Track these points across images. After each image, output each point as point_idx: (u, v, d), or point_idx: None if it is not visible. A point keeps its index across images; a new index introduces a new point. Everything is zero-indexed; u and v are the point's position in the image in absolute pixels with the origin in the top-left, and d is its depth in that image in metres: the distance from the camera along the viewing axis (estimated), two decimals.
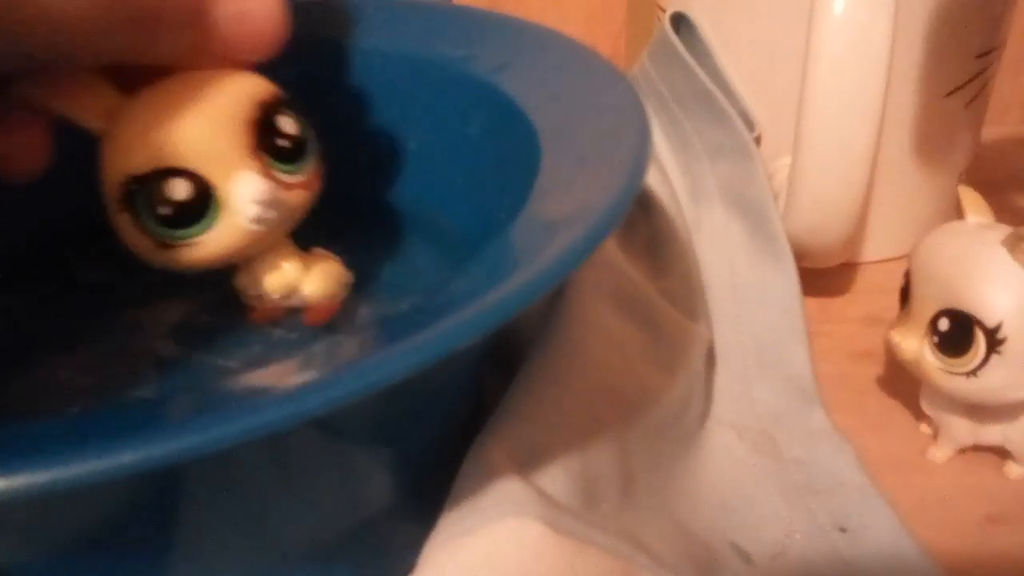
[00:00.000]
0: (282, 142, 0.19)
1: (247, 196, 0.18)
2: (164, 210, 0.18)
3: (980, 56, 0.30)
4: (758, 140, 0.31)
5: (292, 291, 0.20)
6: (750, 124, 0.31)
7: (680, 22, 0.33)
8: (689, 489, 0.22)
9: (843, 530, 0.21)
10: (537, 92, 0.23)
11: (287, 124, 0.19)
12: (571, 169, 0.19)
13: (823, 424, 0.25)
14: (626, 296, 0.25)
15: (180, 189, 0.18)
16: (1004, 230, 0.22)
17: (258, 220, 0.18)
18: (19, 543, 0.15)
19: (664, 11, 0.34)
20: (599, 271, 0.25)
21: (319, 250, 0.21)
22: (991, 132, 0.34)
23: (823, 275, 0.30)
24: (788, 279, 0.28)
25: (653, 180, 0.31)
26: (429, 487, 0.18)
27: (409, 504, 0.19)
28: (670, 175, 0.31)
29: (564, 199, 0.18)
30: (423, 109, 0.26)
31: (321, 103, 0.27)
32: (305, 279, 0.20)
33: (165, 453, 0.12)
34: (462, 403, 0.21)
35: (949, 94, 0.30)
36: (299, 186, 0.19)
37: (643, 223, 0.30)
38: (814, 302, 0.30)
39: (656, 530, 0.19)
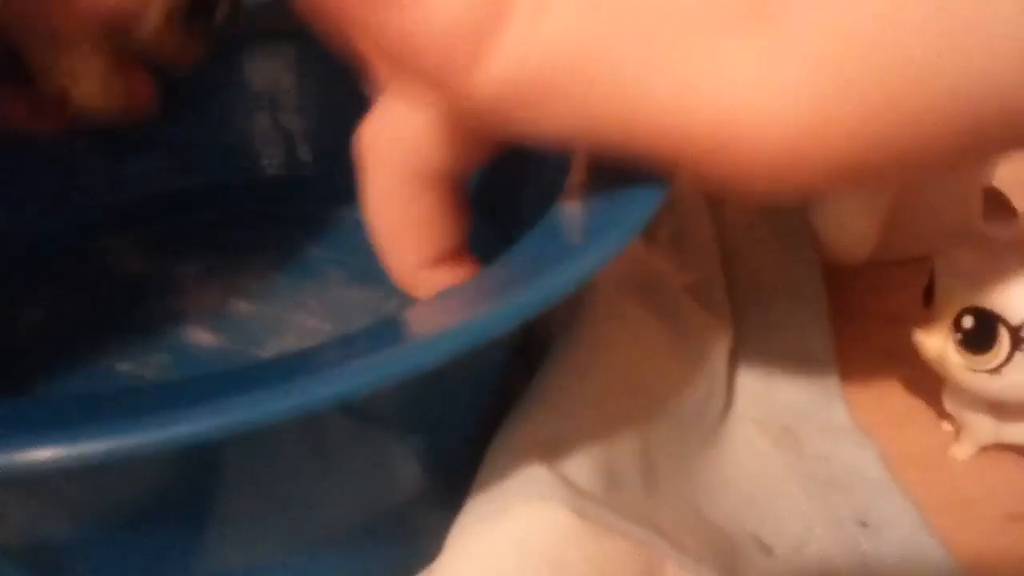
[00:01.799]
0: None
1: None
2: None
3: None
4: None
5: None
6: None
7: None
8: (711, 481, 0.22)
9: (864, 525, 0.22)
10: None
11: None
12: (602, 168, 0.20)
13: (845, 421, 0.25)
14: (650, 290, 0.25)
15: None
16: None
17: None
18: (66, 517, 0.16)
19: None
20: (623, 265, 0.25)
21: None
22: None
23: (847, 273, 0.30)
24: (812, 276, 0.28)
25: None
26: (458, 475, 0.19)
27: (438, 491, 0.20)
28: None
29: (594, 198, 0.19)
30: None
31: (327, 109, 0.28)
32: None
33: (198, 431, 0.12)
34: (493, 392, 0.22)
35: None
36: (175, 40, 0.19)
37: (667, 219, 0.30)
38: (838, 300, 0.30)
39: (678, 520, 0.20)
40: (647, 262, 0.26)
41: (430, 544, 0.17)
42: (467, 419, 0.20)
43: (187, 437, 0.12)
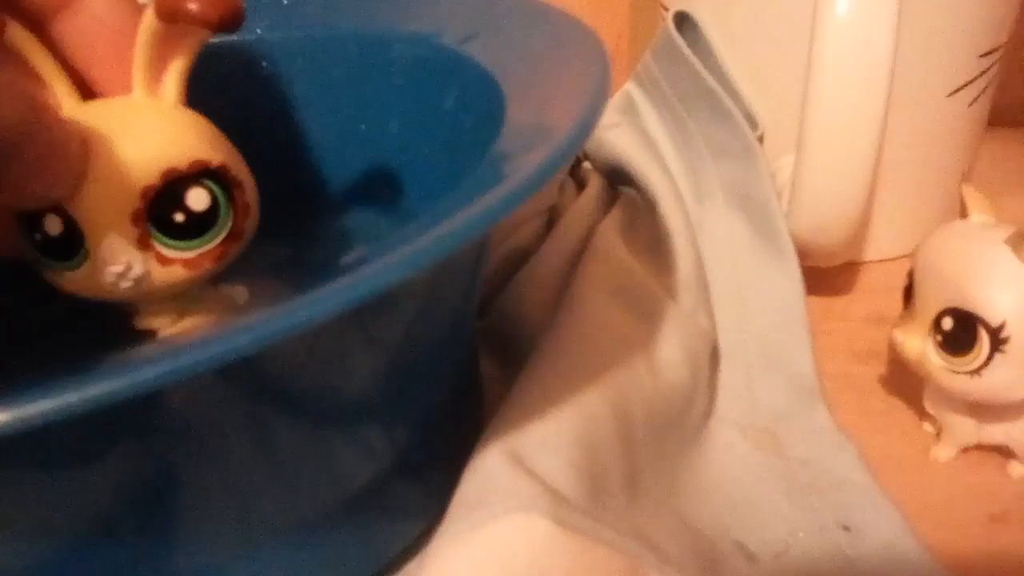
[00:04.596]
0: (178, 217, 0.18)
1: (106, 261, 0.18)
2: (38, 235, 0.18)
3: (983, 55, 0.30)
4: (761, 139, 0.31)
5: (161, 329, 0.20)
6: (753, 123, 0.31)
7: (683, 21, 0.33)
8: (693, 486, 0.22)
9: (846, 528, 0.22)
10: (504, 56, 0.23)
11: (196, 199, 0.18)
12: (532, 115, 0.19)
13: (826, 423, 0.25)
14: (630, 293, 0.25)
15: (54, 226, 0.18)
16: (1007, 229, 0.22)
17: (114, 286, 0.18)
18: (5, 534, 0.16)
19: (667, 10, 0.34)
20: (604, 268, 0.25)
21: (220, 289, 0.20)
22: (994, 131, 0.34)
23: (826, 274, 0.30)
24: (791, 278, 0.28)
25: (657, 178, 0.31)
26: (416, 472, 0.18)
27: (395, 488, 0.20)
28: (674, 173, 0.31)
29: (520, 145, 0.18)
30: (399, 88, 0.26)
31: (298, 91, 0.28)
32: (173, 326, 0.20)
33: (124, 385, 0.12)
34: (448, 382, 0.21)
35: (952, 93, 0.30)
36: (180, 262, 0.18)
37: (647, 221, 0.30)
38: (817, 301, 0.30)
39: (661, 527, 0.20)
40: (628, 265, 0.26)
41: (390, 545, 0.17)
42: (425, 406, 0.20)
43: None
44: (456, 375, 0.22)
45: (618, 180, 0.33)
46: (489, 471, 0.17)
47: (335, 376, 0.17)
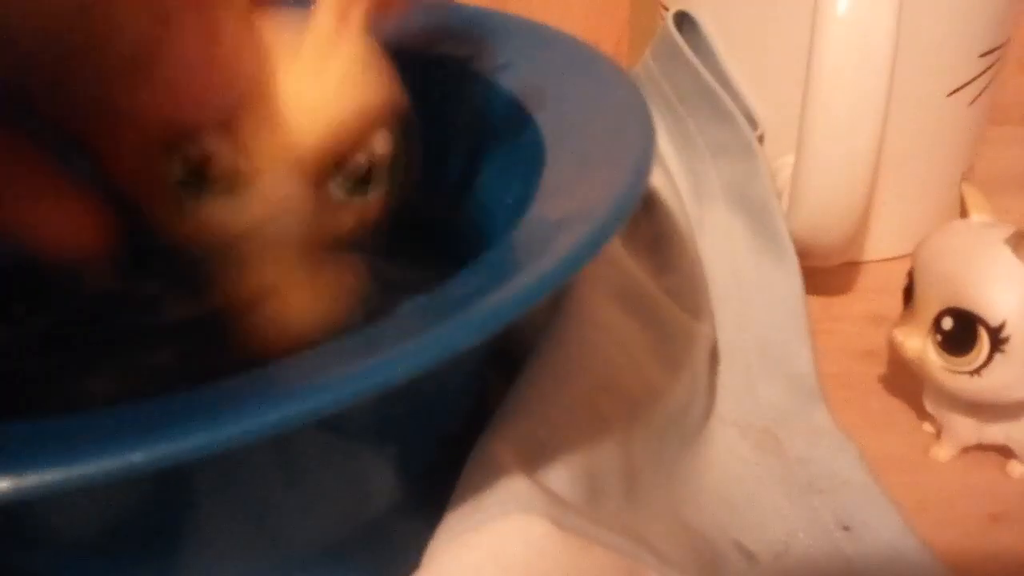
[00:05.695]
0: (358, 159, 0.16)
1: (272, 192, 0.16)
2: (178, 168, 0.16)
3: (983, 55, 0.30)
4: (761, 139, 0.31)
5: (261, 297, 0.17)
6: (753, 123, 0.31)
7: (683, 20, 0.33)
8: (692, 487, 0.22)
9: (846, 529, 0.21)
10: (541, 91, 0.23)
11: (380, 143, 0.17)
12: (574, 170, 0.19)
13: (826, 423, 0.25)
14: (630, 293, 0.25)
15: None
16: (1007, 229, 0.22)
17: (269, 220, 0.16)
18: (26, 545, 0.15)
19: (667, 9, 0.34)
20: (603, 269, 0.25)
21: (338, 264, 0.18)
22: (994, 131, 0.34)
23: (826, 274, 0.30)
24: (791, 278, 0.28)
25: (656, 178, 0.31)
26: (434, 485, 0.18)
27: (414, 502, 0.20)
28: (673, 173, 0.31)
29: (567, 201, 0.18)
30: (428, 110, 0.26)
31: None
32: (280, 299, 0.17)
33: (169, 452, 0.12)
34: (467, 401, 0.21)
35: (952, 93, 0.30)
36: (347, 211, 0.17)
37: (646, 221, 0.30)
38: (817, 301, 0.30)
39: (660, 528, 0.20)
40: (627, 265, 0.26)
41: (408, 559, 0.17)
42: (440, 430, 0.20)
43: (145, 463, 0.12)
44: (474, 397, 0.22)
45: None
46: (486, 473, 0.17)
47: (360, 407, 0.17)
